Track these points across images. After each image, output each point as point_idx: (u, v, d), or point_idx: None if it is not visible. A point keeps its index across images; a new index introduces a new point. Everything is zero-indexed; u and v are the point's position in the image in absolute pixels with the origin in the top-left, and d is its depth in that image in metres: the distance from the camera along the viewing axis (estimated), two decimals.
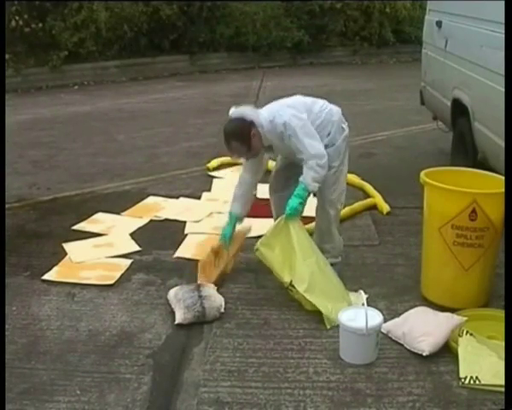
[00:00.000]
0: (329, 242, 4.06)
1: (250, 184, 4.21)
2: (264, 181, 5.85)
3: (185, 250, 4.50)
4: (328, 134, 3.89)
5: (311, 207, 4.18)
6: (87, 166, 6.64)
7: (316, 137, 3.78)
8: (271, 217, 4.78)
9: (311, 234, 4.10)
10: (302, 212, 3.90)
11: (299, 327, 3.50)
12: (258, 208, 5.26)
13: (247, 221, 5.00)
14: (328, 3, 13.64)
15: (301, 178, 3.80)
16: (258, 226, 4.82)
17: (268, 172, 6.09)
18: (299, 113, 3.80)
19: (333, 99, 5.15)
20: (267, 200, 5.36)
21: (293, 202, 3.77)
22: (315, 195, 4.11)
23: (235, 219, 4.18)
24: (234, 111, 3.90)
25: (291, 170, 4.03)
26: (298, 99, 3.97)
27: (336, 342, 3.27)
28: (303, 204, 3.84)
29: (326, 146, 3.83)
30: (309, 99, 4.00)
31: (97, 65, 12.24)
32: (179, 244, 4.57)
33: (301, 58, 13.73)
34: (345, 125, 4.02)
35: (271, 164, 6.20)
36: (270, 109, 3.88)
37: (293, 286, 3.68)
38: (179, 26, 12.77)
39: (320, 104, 3.99)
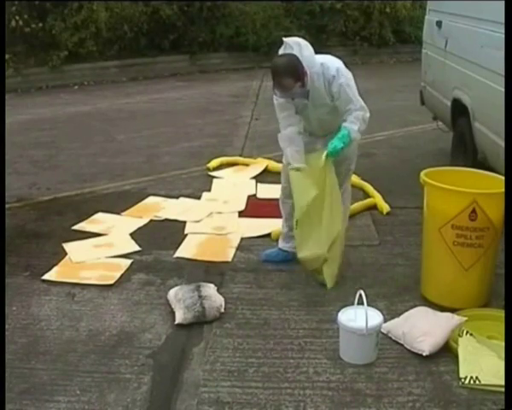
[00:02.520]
0: None
1: (298, 134, 3.85)
2: (264, 181, 5.89)
3: (185, 250, 4.50)
4: None
5: None
6: (87, 166, 6.64)
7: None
8: (272, 217, 4.79)
9: None
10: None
11: (299, 327, 3.50)
12: (259, 208, 5.28)
13: (248, 221, 5.02)
14: (328, 3, 13.63)
15: (346, 124, 3.68)
16: (259, 226, 4.83)
17: (269, 172, 6.13)
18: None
19: None
20: (267, 200, 5.39)
21: (338, 143, 3.66)
22: None
23: None
24: (287, 41, 3.67)
25: None
26: None
27: (336, 342, 3.27)
28: (344, 150, 3.72)
29: None
30: None
31: (97, 65, 12.22)
32: (179, 244, 4.57)
33: None
34: None
35: (275, 165, 6.25)
36: (318, 55, 3.77)
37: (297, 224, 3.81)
38: (179, 26, 12.75)
39: None
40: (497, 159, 4.27)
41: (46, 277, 4.10)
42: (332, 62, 3.75)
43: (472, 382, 2.95)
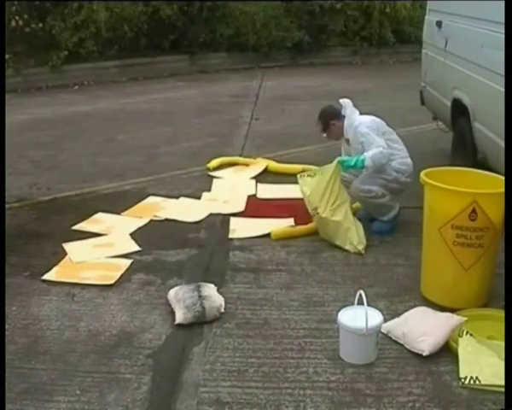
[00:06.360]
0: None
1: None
2: (264, 181, 5.89)
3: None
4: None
5: None
6: (87, 166, 6.64)
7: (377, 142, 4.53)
8: (271, 217, 4.81)
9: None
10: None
11: (299, 327, 3.51)
12: (258, 208, 5.28)
13: (248, 221, 5.02)
14: (328, 3, 13.61)
15: (365, 153, 4.45)
16: (259, 226, 4.83)
17: (269, 172, 6.13)
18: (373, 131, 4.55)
19: (333, 99, 5.18)
20: (267, 200, 5.40)
21: (349, 160, 4.49)
22: None
23: None
24: (342, 100, 4.79)
25: None
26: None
27: (336, 342, 3.27)
28: (349, 168, 4.56)
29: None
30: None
31: (97, 65, 12.21)
32: (180, 244, 4.57)
33: (301, 58, 13.69)
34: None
35: (275, 165, 6.26)
36: (362, 116, 4.75)
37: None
38: (179, 26, 12.75)
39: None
40: (497, 159, 4.27)
41: (46, 277, 4.10)
42: (361, 119, 4.64)
43: (472, 382, 2.95)
